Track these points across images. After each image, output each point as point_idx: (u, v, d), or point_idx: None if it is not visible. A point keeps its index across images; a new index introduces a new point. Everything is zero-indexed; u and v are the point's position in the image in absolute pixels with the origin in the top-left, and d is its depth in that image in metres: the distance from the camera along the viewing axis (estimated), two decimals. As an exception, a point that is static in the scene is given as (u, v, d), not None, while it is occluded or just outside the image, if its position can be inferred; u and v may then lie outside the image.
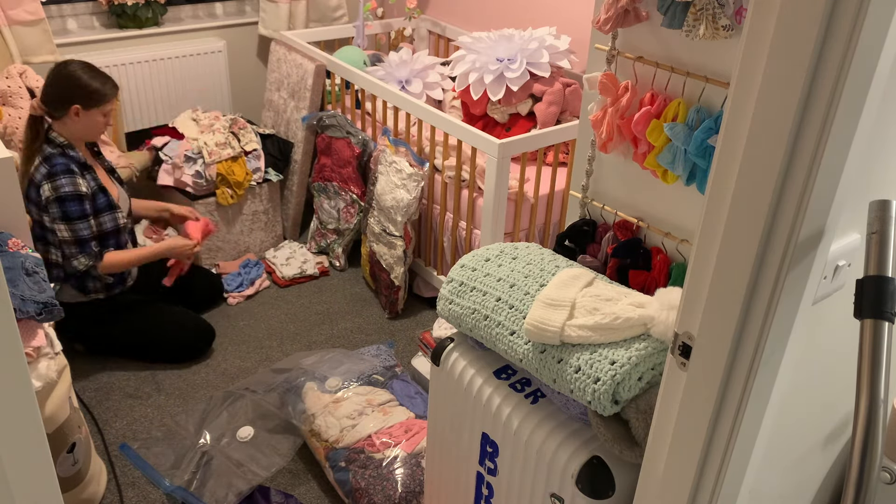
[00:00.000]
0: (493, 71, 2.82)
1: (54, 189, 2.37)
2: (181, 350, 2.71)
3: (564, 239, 1.76)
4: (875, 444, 0.87)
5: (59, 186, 2.38)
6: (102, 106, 2.45)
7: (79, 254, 2.46)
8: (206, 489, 2.07)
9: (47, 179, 2.38)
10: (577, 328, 1.33)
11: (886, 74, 0.89)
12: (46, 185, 2.38)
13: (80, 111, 2.41)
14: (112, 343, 2.69)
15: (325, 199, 3.31)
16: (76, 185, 2.40)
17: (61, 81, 2.41)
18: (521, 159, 2.57)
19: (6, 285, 0.87)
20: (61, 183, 2.38)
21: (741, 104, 0.92)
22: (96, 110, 2.44)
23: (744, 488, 1.13)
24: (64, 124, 2.43)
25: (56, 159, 2.40)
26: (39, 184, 2.39)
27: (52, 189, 2.38)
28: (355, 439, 2.18)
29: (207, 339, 2.76)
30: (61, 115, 2.41)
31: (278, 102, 3.55)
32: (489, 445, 1.55)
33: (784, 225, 0.91)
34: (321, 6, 3.84)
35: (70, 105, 2.39)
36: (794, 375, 1.12)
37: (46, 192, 2.38)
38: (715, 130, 1.38)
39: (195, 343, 2.73)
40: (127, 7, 3.40)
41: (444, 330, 2.57)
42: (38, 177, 2.39)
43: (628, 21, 1.49)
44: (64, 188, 2.38)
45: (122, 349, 2.70)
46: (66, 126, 2.43)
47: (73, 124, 2.43)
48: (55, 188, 2.37)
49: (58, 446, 1.90)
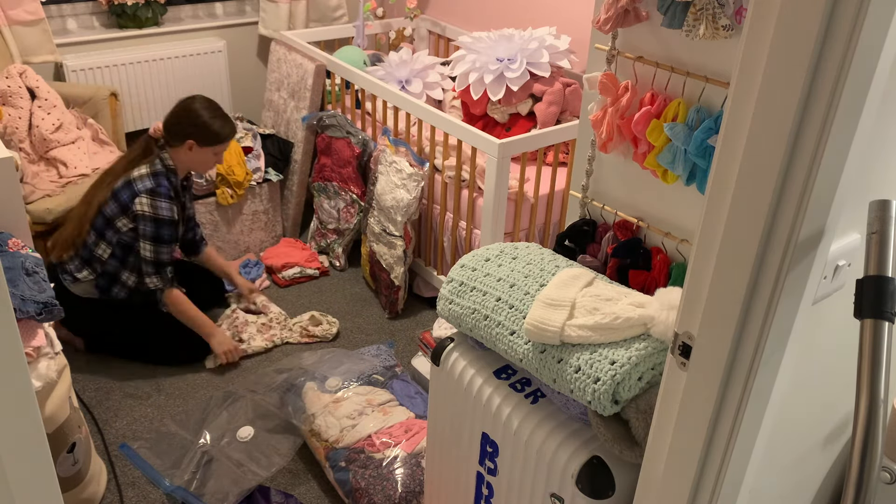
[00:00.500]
0: (493, 71, 2.82)
1: (153, 208, 2.46)
2: (180, 353, 2.70)
3: (564, 239, 1.76)
4: (875, 444, 0.87)
5: (159, 208, 2.47)
6: (217, 146, 2.57)
7: (154, 274, 2.54)
8: (206, 489, 2.07)
9: (148, 195, 2.45)
10: (577, 328, 1.33)
11: (886, 74, 0.89)
12: (145, 199, 2.45)
13: (194, 146, 2.53)
14: (111, 342, 2.69)
15: (325, 199, 3.31)
16: (173, 211, 2.51)
17: (184, 115, 2.53)
18: (521, 159, 2.57)
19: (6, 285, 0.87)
20: (162, 205, 2.47)
21: (741, 104, 0.92)
22: (209, 149, 2.56)
23: (744, 488, 1.13)
24: (176, 153, 2.54)
25: (163, 179, 2.49)
26: (137, 193, 2.46)
27: (150, 207, 2.45)
28: (355, 439, 2.18)
29: (204, 348, 2.75)
30: (176, 145, 2.53)
31: (278, 102, 3.55)
32: (489, 445, 1.55)
33: (784, 225, 0.91)
34: (321, 6, 3.85)
35: (186, 139, 2.51)
36: (794, 375, 1.13)
37: (144, 206, 2.45)
38: (715, 130, 1.38)
39: (194, 347, 2.72)
40: (127, 7, 3.40)
41: (444, 330, 2.57)
42: (140, 186, 2.47)
43: (628, 21, 1.49)
44: (163, 211, 2.47)
45: (121, 349, 2.70)
46: (178, 155, 2.55)
47: (185, 156, 2.55)
48: (154, 207, 2.46)
49: (58, 446, 1.90)
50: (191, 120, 2.51)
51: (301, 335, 2.87)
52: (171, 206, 2.50)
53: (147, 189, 2.46)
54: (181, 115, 2.53)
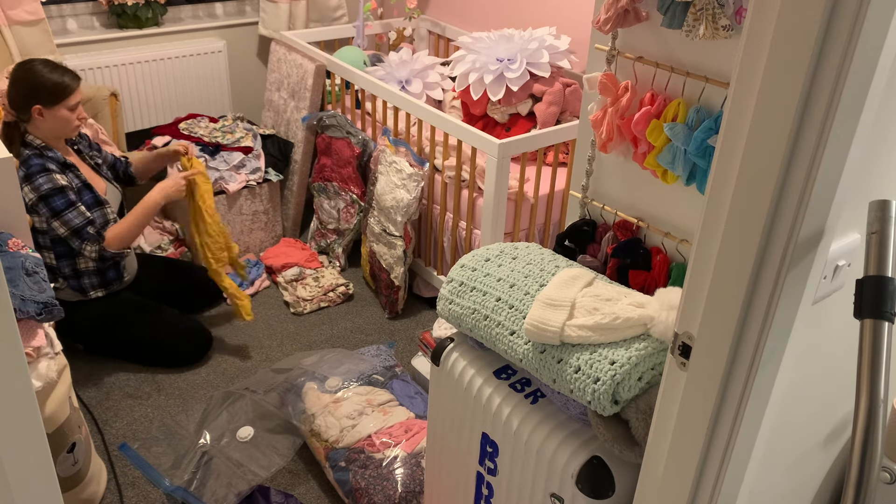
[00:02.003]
0: (493, 71, 2.82)
1: (34, 189, 2.34)
2: (177, 356, 2.70)
3: (564, 239, 1.76)
4: (875, 444, 0.87)
5: (38, 186, 2.34)
6: (65, 100, 2.36)
7: (81, 243, 2.43)
8: (206, 489, 2.07)
9: (25, 182, 2.35)
10: (576, 328, 1.33)
11: (886, 74, 0.89)
12: (26, 187, 2.35)
13: (42, 111, 2.34)
14: (110, 345, 2.69)
15: (325, 199, 3.31)
16: (53, 180, 2.35)
17: (19, 82, 2.34)
18: (521, 159, 2.57)
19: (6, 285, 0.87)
20: (39, 182, 2.34)
21: (741, 104, 0.92)
22: (60, 106, 2.35)
23: (744, 488, 1.13)
24: (35, 126, 2.37)
25: (32, 160, 2.36)
26: (21, 187, 2.35)
27: (32, 190, 2.35)
28: (355, 439, 2.18)
29: (204, 345, 2.75)
30: (28, 118, 2.35)
31: (278, 102, 3.55)
32: (489, 445, 1.55)
33: (784, 225, 0.91)
34: (321, 6, 3.85)
35: (31, 106, 2.33)
36: (794, 375, 1.12)
37: (28, 193, 2.35)
38: (715, 130, 1.38)
39: (191, 349, 2.72)
40: (127, 7, 3.40)
41: (444, 330, 2.57)
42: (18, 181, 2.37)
43: (628, 21, 1.49)
44: (42, 186, 2.34)
45: (119, 352, 2.70)
46: (38, 127, 2.37)
47: (42, 124, 2.37)
48: (34, 188, 2.34)
49: (58, 446, 1.90)
50: (28, 83, 2.32)
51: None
52: (49, 175, 2.34)
53: (21, 178, 2.34)
54: (17, 82, 2.33)
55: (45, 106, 2.34)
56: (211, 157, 3.18)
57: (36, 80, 2.33)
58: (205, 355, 2.73)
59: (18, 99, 2.34)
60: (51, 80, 2.33)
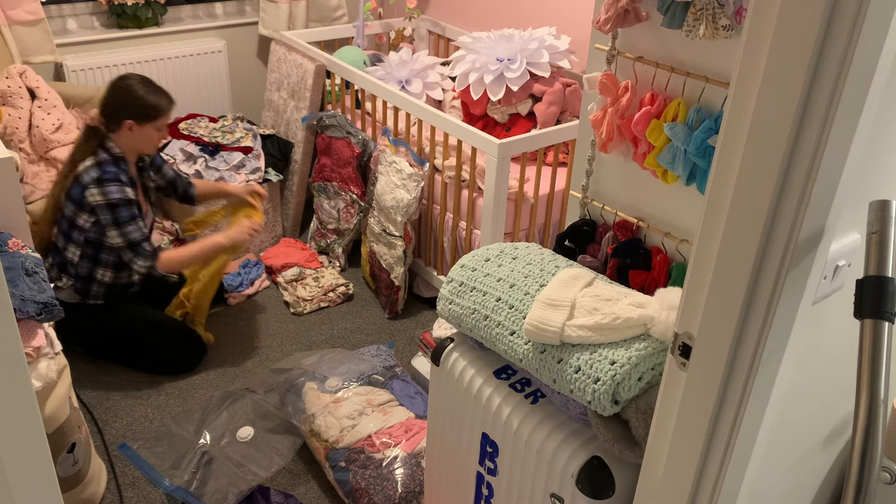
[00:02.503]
0: (493, 71, 2.82)
1: (103, 194, 2.41)
2: (171, 364, 2.69)
3: (564, 239, 1.76)
4: (875, 444, 0.87)
5: (108, 192, 2.41)
6: (156, 121, 2.48)
7: (135, 257, 2.49)
8: (206, 489, 2.07)
9: (95, 184, 2.41)
10: (577, 328, 1.33)
11: (886, 74, 0.89)
12: (94, 189, 2.40)
13: (133, 126, 2.44)
14: (106, 348, 2.69)
15: (325, 199, 3.31)
16: (124, 191, 2.44)
17: (117, 95, 2.44)
18: (521, 159, 2.57)
19: (6, 285, 0.87)
20: (110, 189, 2.41)
21: (741, 104, 0.92)
22: (150, 125, 2.47)
23: (744, 488, 1.13)
24: (119, 137, 2.47)
25: (108, 166, 2.43)
26: (86, 185, 2.41)
27: (100, 194, 2.41)
28: (355, 439, 2.18)
29: (197, 355, 2.73)
30: (116, 129, 2.45)
31: (278, 102, 3.55)
32: (489, 445, 1.55)
33: (784, 225, 0.91)
34: (321, 6, 3.85)
35: (124, 119, 2.43)
36: (794, 375, 1.12)
37: (95, 196, 2.40)
38: (715, 130, 1.39)
39: (185, 358, 2.71)
40: (127, 7, 3.40)
41: (444, 330, 2.57)
42: (87, 178, 2.42)
43: (628, 21, 1.49)
44: (113, 195, 2.42)
45: (114, 356, 2.70)
46: (121, 138, 2.47)
47: (127, 137, 2.47)
48: (104, 193, 2.41)
49: (58, 446, 1.90)
50: (124, 99, 2.42)
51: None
52: (122, 187, 2.42)
53: (93, 179, 2.40)
54: (115, 94, 2.44)
55: (137, 122, 2.44)
56: (211, 157, 3.18)
57: (135, 97, 2.43)
58: (198, 364, 2.72)
59: (113, 110, 2.44)
60: (149, 100, 2.45)
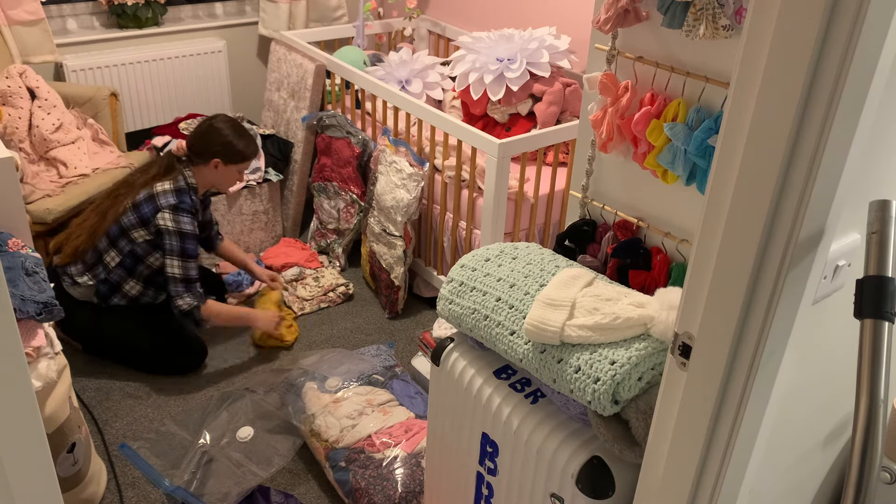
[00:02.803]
0: (493, 71, 2.82)
1: (176, 223, 2.47)
2: (170, 367, 2.68)
3: (564, 239, 1.76)
4: (875, 444, 0.87)
5: (182, 222, 2.48)
6: (241, 164, 2.61)
7: (185, 293, 2.52)
8: (206, 489, 2.07)
9: (171, 210, 2.46)
10: (577, 328, 1.33)
11: (886, 74, 0.89)
12: (168, 214, 2.46)
13: (219, 165, 2.56)
14: (106, 347, 2.69)
15: (325, 199, 3.31)
16: (195, 226, 2.53)
17: (209, 135, 2.55)
18: (521, 159, 2.57)
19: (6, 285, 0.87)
20: (185, 220, 2.48)
21: (741, 104, 0.92)
22: (234, 167, 2.60)
23: (744, 488, 1.13)
24: (200, 171, 2.57)
25: (186, 196, 2.51)
26: (160, 208, 2.47)
27: (174, 222, 2.46)
28: (355, 439, 2.18)
29: (198, 357, 2.73)
30: (201, 164, 2.56)
31: (278, 102, 3.55)
32: (489, 445, 1.55)
33: (784, 225, 0.91)
34: (321, 6, 3.85)
35: (213, 158, 2.55)
36: (795, 375, 1.12)
37: (167, 221, 2.46)
38: (715, 130, 1.39)
39: (184, 361, 2.70)
40: (127, 7, 3.40)
41: (444, 330, 2.57)
42: (163, 201, 2.47)
43: (628, 21, 1.49)
44: (186, 225, 2.48)
45: (116, 355, 2.70)
46: (202, 172, 2.58)
47: (210, 173, 2.58)
48: (177, 222, 2.47)
49: (58, 446, 1.90)
50: (217, 139, 2.54)
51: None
52: (193, 220, 2.52)
53: (170, 205, 2.47)
54: (207, 135, 2.56)
55: (224, 162, 2.57)
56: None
57: (225, 140, 2.56)
58: (199, 366, 2.72)
59: (205, 147, 2.56)
60: (240, 146, 2.59)
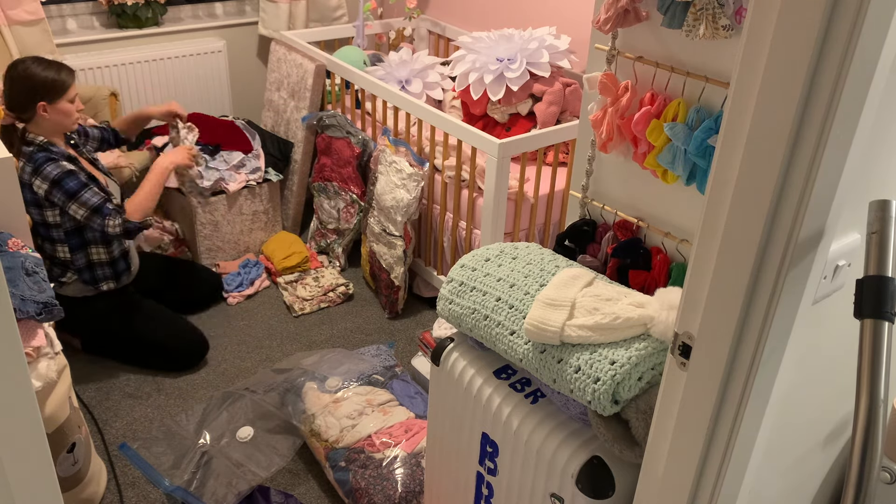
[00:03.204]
0: (493, 71, 2.82)
1: (45, 178, 2.37)
2: (173, 360, 2.69)
3: (564, 239, 1.76)
4: (875, 444, 0.87)
5: (48, 174, 2.37)
6: (66, 93, 2.42)
7: (103, 220, 2.45)
8: (206, 489, 2.07)
9: (34, 175, 2.38)
10: (576, 328, 1.33)
11: (886, 74, 0.89)
12: (36, 180, 2.38)
13: (46, 107, 2.38)
14: (107, 343, 2.69)
15: (325, 199, 3.31)
16: (61, 166, 2.39)
17: (18, 83, 2.38)
18: (521, 159, 2.57)
19: (6, 285, 0.87)
20: (48, 170, 2.37)
21: (741, 104, 0.92)
22: (61, 100, 2.41)
23: (744, 488, 1.13)
24: (37, 124, 2.41)
25: (37, 155, 2.39)
26: (29, 183, 2.39)
27: (42, 180, 2.38)
28: (355, 439, 2.18)
29: (200, 351, 2.73)
30: (31, 116, 2.40)
31: (278, 102, 3.55)
32: (489, 445, 1.55)
33: (784, 225, 0.91)
34: (321, 6, 3.85)
35: (35, 103, 2.37)
36: (794, 375, 1.13)
37: (40, 186, 2.38)
38: (715, 130, 1.38)
39: (186, 355, 2.71)
40: (127, 7, 3.40)
41: (444, 330, 2.57)
42: (25, 177, 2.39)
43: (628, 21, 1.49)
44: (52, 173, 2.37)
45: (116, 351, 2.70)
46: (40, 125, 2.41)
47: (45, 121, 2.41)
48: (45, 177, 2.37)
49: (58, 446, 1.90)
50: (28, 82, 2.36)
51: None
52: (57, 163, 2.38)
53: (29, 173, 2.38)
54: (16, 83, 2.38)
55: (48, 101, 2.38)
56: (211, 157, 3.18)
57: (35, 79, 2.37)
58: (200, 361, 2.72)
59: (20, 98, 2.38)
60: (49, 77, 2.38)
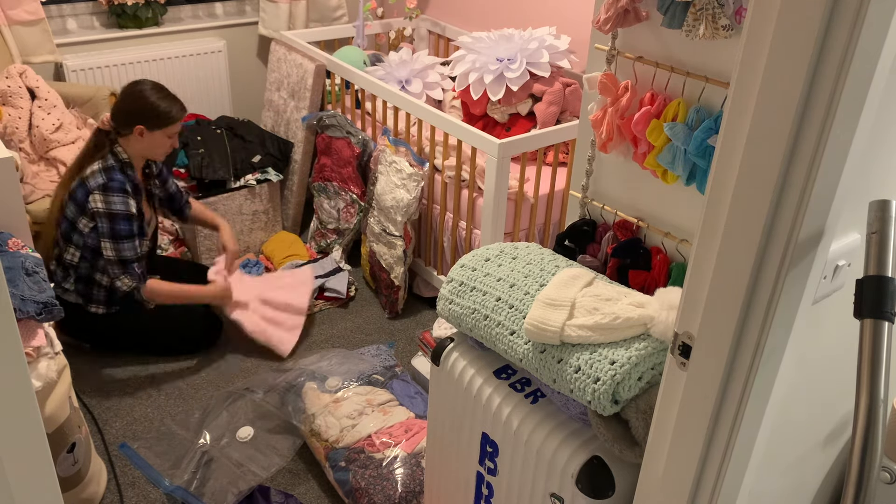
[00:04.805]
0: (493, 71, 2.82)
1: (106, 204, 2.38)
2: (189, 342, 2.71)
3: (564, 239, 1.76)
4: (875, 444, 0.87)
5: (112, 203, 2.39)
6: (167, 128, 2.46)
7: (122, 274, 2.46)
8: (206, 489, 2.07)
9: (101, 191, 2.39)
10: (576, 328, 1.33)
11: (886, 74, 0.89)
12: (98, 195, 2.39)
13: (143, 131, 2.42)
14: (119, 335, 2.69)
15: (325, 199, 3.31)
16: (128, 205, 2.42)
17: (129, 100, 2.42)
18: (521, 159, 2.57)
19: (6, 285, 0.87)
20: (114, 200, 2.39)
21: (741, 104, 0.92)
22: (160, 132, 2.45)
23: (744, 488, 1.13)
24: (128, 142, 2.45)
25: (115, 174, 2.41)
26: (91, 190, 2.39)
27: (103, 202, 2.38)
28: (355, 439, 2.18)
29: (216, 329, 2.76)
30: (126, 133, 2.43)
31: (278, 102, 3.55)
32: (489, 445, 1.55)
33: (784, 225, 0.91)
34: (321, 6, 3.85)
35: (135, 125, 2.41)
36: (794, 375, 1.13)
37: (97, 203, 2.39)
38: (715, 130, 1.39)
39: (203, 334, 2.74)
40: (127, 7, 3.40)
41: (444, 330, 2.57)
42: (93, 183, 2.40)
43: (628, 21, 1.49)
44: (116, 206, 2.39)
45: (128, 342, 2.71)
46: (130, 144, 2.45)
47: (137, 143, 2.45)
48: (107, 203, 2.38)
49: (58, 446, 1.90)
50: (137, 104, 2.40)
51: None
52: (126, 199, 2.40)
53: (98, 185, 2.38)
54: (127, 99, 2.42)
55: (147, 128, 2.42)
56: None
57: (146, 102, 2.41)
58: (217, 340, 2.76)
59: (124, 115, 2.41)
60: (161, 107, 2.42)
